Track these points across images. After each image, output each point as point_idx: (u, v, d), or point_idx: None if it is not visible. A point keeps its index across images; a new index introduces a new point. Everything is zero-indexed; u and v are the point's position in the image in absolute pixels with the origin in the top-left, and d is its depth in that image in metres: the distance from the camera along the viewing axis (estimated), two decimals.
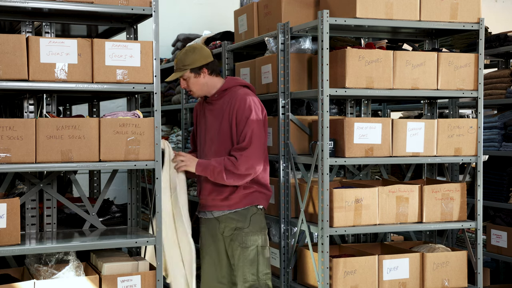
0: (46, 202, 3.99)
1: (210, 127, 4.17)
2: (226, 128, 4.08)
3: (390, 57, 4.22)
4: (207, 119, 4.20)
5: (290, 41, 4.58)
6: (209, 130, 4.17)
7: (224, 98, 4.13)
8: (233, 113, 4.05)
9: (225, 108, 4.09)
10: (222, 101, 4.13)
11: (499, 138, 5.60)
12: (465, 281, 4.45)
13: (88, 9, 3.74)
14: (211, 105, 4.19)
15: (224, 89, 4.14)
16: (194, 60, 4.05)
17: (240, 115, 4.03)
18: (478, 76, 4.45)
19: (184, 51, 4.11)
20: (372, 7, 4.16)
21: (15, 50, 3.50)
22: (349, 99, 4.98)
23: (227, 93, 4.14)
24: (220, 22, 7.12)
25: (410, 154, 4.34)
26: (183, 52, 4.10)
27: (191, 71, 4.06)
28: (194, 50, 4.08)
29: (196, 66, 4.05)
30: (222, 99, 4.14)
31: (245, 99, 4.05)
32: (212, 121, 4.16)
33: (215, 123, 4.14)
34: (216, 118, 4.13)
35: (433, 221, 4.39)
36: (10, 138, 3.49)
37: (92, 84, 3.68)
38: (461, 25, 4.42)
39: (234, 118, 4.04)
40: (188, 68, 4.05)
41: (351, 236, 5.06)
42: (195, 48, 4.11)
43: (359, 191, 4.20)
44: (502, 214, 5.66)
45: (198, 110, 4.33)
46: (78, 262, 3.69)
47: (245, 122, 4.01)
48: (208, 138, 4.17)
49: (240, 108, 4.03)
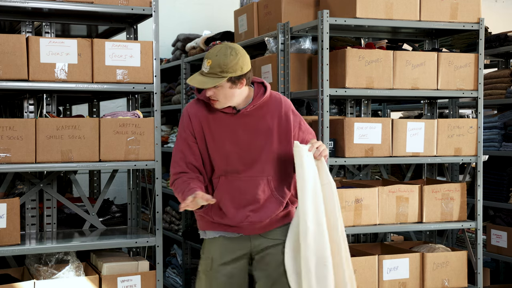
0: (46, 202, 3.99)
1: (252, 145, 3.21)
2: (284, 142, 3.24)
3: (390, 57, 4.22)
4: (242, 134, 3.21)
5: (290, 41, 4.58)
6: (253, 149, 3.21)
7: (267, 106, 3.25)
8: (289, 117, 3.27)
9: (273, 116, 3.24)
10: (264, 110, 3.25)
11: (499, 138, 5.60)
12: (465, 281, 4.44)
13: (88, 9, 3.74)
14: (245, 117, 3.21)
15: (266, 98, 3.25)
16: (236, 67, 3.08)
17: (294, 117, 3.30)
18: (478, 76, 4.45)
19: (223, 51, 3.09)
20: (372, 7, 4.16)
21: (15, 50, 3.51)
22: (349, 99, 4.98)
23: (269, 102, 3.27)
24: (220, 22, 7.12)
25: (410, 154, 4.34)
26: (221, 52, 3.09)
27: (228, 80, 3.09)
28: (237, 54, 3.10)
29: (238, 75, 3.09)
30: (264, 108, 3.25)
31: (288, 100, 3.35)
32: (251, 137, 3.21)
33: (259, 139, 3.22)
34: (260, 133, 3.23)
35: (433, 221, 4.39)
36: (10, 138, 3.49)
37: (92, 84, 3.68)
38: (461, 25, 4.42)
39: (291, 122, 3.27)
40: (228, 76, 3.07)
41: (351, 236, 5.06)
42: (237, 51, 3.11)
43: (359, 191, 4.21)
44: (502, 214, 5.66)
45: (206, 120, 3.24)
46: (78, 262, 3.69)
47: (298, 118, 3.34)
48: (252, 158, 3.21)
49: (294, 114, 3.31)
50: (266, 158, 3.19)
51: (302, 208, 3.05)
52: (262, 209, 3.19)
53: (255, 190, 3.18)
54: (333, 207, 3.12)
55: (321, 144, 3.12)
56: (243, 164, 3.19)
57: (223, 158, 3.19)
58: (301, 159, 3.06)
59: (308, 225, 3.03)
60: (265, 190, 3.20)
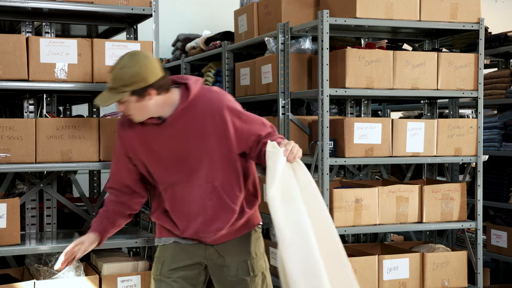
0: (46, 202, 3.99)
1: (188, 153, 2.94)
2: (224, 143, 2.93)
3: (390, 57, 4.22)
4: (175, 143, 2.94)
5: (290, 41, 4.58)
6: (190, 156, 2.94)
7: (194, 109, 2.92)
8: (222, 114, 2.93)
9: (204, 118, 2.92)
10: (194, 113, 2.92)
11: (499, 138, 5.60)
12: (465, 281, 4.44)
13: (88, 9, 3.74)
14: (174, 124, 2.92)
15: (190, 100, 2.92)
16: (137, 79, 2.77)
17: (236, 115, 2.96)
18: (478, 76, 4.44)
19: (123, 63, 2.81)
20: (372, 7, 4.16)
21: (15, 50, 3.50)
22: (349, 99, 4.98)
23: (198, 103, 2.93)
24: (220, 22, 7.12)
25: (410, 154, 4.34)
26: (121, 65, 2.81)
27: (132, 94, 2.80)
28: (137, 63, 2.79)
29: (140, 88, 2.79)
30: (192, 111, 2.92)
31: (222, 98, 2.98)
32: (185, 144, 2.93)
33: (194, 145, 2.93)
34: (193, 139, 2.93)
35: (433, 221, 4.39)
36: (10, 138, 3.49)
37: (92, 84, 3.68)
38: (461, 25, 4.42)
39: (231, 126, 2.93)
40: (128, 90, 2.78)
41: (351, 236, 5.06)
42: (138, 60, 2.80)
43: (359, 191, 4.21)
44: (502, 214, 5.66)
45: (136, 135, 2.97)
46: (78, 262, 3.69)
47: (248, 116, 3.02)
48: (191, 166, 2.95)
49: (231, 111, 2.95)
50: (207, 163, 2.92)
51: (275, 219, 2.73)
52: (213, 220, 2.96)
53: (201, 199, 2.95)
54: (318, 208, 2.82)
55: (294, 145, 2.80)
56: (183, 174, 2.94)
57: (162, 171, 2.97)
58: (274, 164, 2.75)
59: (285, 235, 2.71)
60: (212, 197, 2.95)
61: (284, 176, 2.76)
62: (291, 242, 2.70)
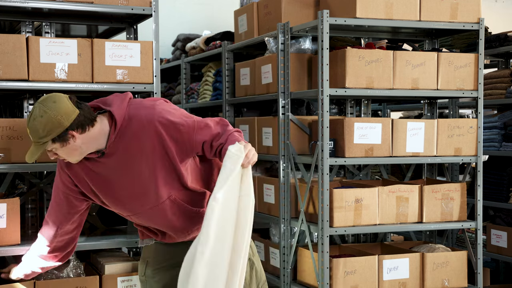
0: (46, 202, 3.99)
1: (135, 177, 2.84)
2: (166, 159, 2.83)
3: (390, 57, 4.22)
4: (119, 172, 2.85)
5: (290, 41, 4.58)
6: (138, 180, 2.85)
7: (128, 132, 2.81)
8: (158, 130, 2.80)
9: (139, 139, 2.81)
10: (128, 138, 2.81)
11: (499, 138, 5.60)
12: (465, 281, 4.45)
13: (88, 9, 3.74)
14: (113, 154, 2.83)
15: (119, 129, 2.80)
16: (52, 127, 2.67)
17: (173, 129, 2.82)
18: (478, 76, 4.45)
19: (32, 115, 2.70)
20: (372, 7, 4.16)
21: (15, 50, 3.50)
22: (349, 99, 4.98)
23: (130, 125, 2.81)
24: (220, 22, 7.12)
25: (410, 154, 4.34)
26: (31, 117, 2.70)
27: (53, 142, 2.71)
28: (46, 112, 2.67)
29: (58, 134, 2.69)
30: (126, 136, 2.81)
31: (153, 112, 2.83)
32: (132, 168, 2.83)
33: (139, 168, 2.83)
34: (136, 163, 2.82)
35: (433, 221, 4.39)
36: (10, 138, 3.49)
37: (92, 84, 3.68)
38: (461, 25, 4.42)
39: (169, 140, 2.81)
40: (47, 140, 2.69)
41: (351, 236, 5.06)
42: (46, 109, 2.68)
43: (359, 191, 4.21)
44: (502, 214, 5.66)
45: (82, 173, 2.89)
46: (78, 262, 3.68)
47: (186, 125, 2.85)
48: (142, 190, 2.86)
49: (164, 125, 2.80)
50: (157, 182, 2.82)
51: (208, 220, 2.64)
52: (186, 228, 2.95)
53: (165, 216, 2.90)
54: (245, 221, 2.72)
55: (251, 149, 2.69)
56: (137, 200, 2.87)
57: (117, 204, 2.92)
58: (233, 166, 2.66)
59: (210, 237, 2.62)
60: (175, 211, 2.90)
61: (234, 181, 2.68)
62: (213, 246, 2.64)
